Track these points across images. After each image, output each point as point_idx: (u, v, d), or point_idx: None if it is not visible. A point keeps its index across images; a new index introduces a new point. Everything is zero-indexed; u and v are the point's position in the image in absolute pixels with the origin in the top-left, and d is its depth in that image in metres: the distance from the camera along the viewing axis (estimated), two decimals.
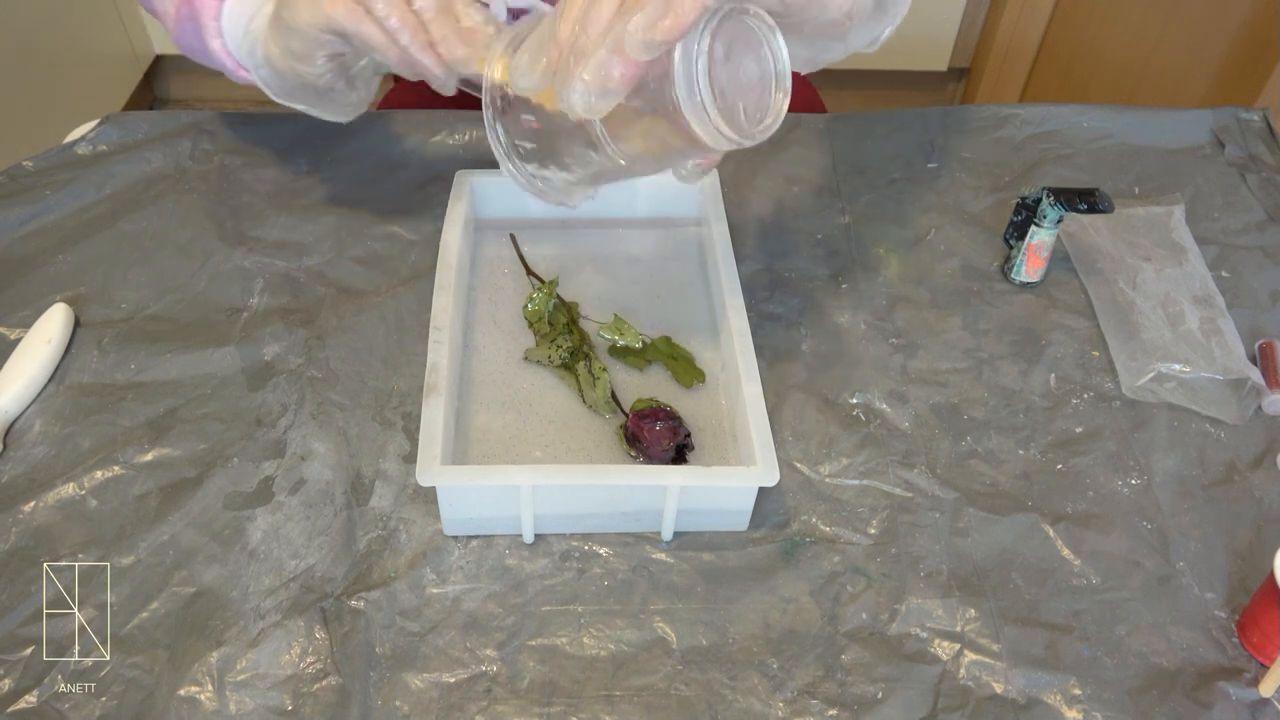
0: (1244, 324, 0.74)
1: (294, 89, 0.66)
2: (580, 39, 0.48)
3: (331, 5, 0.58)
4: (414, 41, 0.58)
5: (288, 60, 0.63)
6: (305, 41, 0.60)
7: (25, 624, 0.56)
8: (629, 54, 0.46)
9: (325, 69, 0.63)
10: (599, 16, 0.47)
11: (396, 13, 0.57)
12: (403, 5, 0.58)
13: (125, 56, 2.00)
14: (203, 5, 0.68)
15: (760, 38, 0.50)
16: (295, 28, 0.60)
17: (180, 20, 0.70)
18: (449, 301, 0.65)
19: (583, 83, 0.47)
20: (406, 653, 0.55)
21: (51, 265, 0.75)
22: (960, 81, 2.19)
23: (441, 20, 0.58)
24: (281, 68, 0.64)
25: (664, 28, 0.45)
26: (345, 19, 0.58)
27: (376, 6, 0.57)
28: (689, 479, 0.57)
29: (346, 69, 0.65)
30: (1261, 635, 0.55)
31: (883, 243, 0.80)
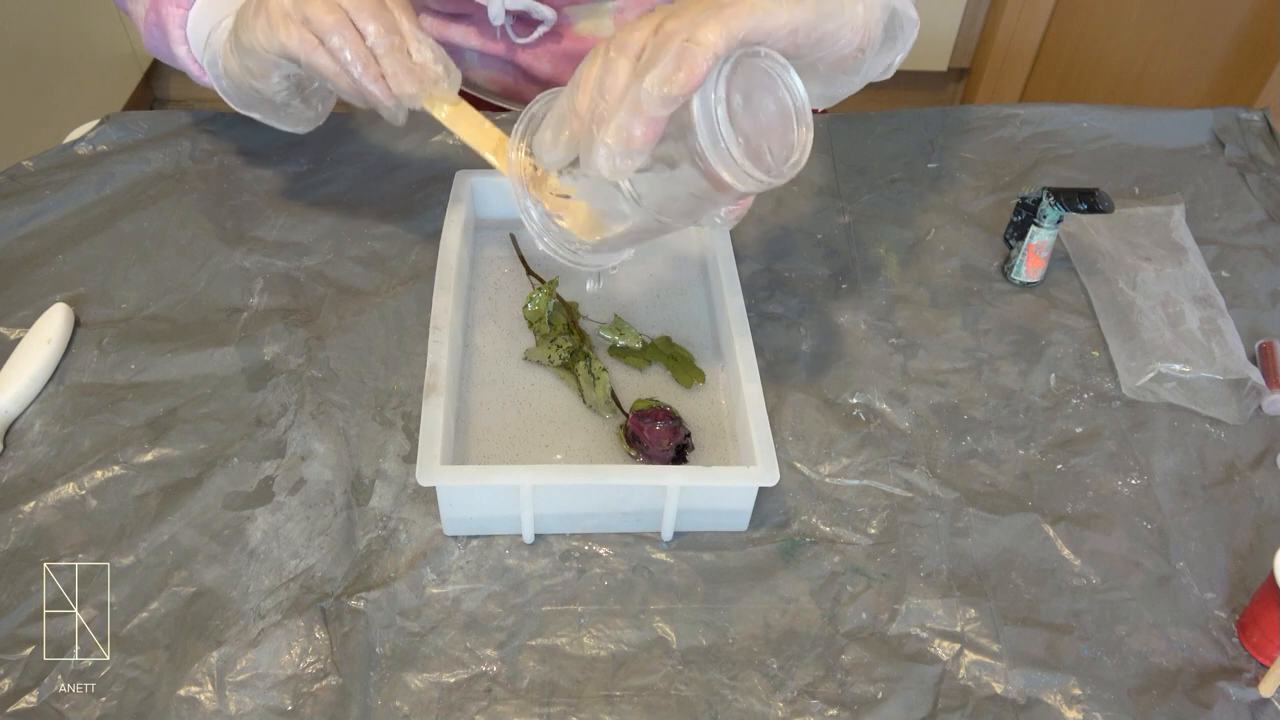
0: (1244, 324, 0.74)
1: (251, 101, 0.68)
2: (599, 106, 0.49)
3: (286, 33, 0.59)
4: (365, 74, 0.59)
5: (244, 76, 0.64)
6: (260, 62, 0.62)
7: (25, 624, 0.56)
8: (647, 112, 0.47)
9: (281, 87, 0.65)
10: (615, 82, 0.48)
11: (350, 46, 0.59)
12: (356, 39, 0.59)
13: (125, 56, 2.00)
14: (169, 14, 0.69)
15: (775, 77, 0.50)
16: (250, 49, 0.61)
17: (148, 25, 0.72)
18: (449, 301, 0.65)
19: (606, 146, 0.48)
20: (406, 653, 0.55)
21: (51, 265, 0.75)
22: (960, 81, 2.19)
23: (392, 56, 0.60)
24: (239, 82, 0.65)
25: (679, 81, 0.46)
26: (298, 48, 0.59)
27: (331, 39, 0.59)
28: (689, 479, 0.57)
29: (302, 88, 0.67)
30: (1261, 635, 0.55)
31: (883, 243, 0.80)
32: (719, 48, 0.46)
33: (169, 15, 0.69)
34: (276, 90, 0.65)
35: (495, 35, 0.87)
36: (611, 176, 0.50)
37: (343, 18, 0.59)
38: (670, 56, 0.46)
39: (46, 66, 1.75)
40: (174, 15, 0.69)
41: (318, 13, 0.58)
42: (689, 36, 0.46)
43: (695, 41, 0.46)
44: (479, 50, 0.89)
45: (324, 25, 0.58)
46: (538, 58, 0.88)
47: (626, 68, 0.48)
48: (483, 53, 0.90)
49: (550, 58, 0.88)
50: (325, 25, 0.58)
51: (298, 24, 0.59)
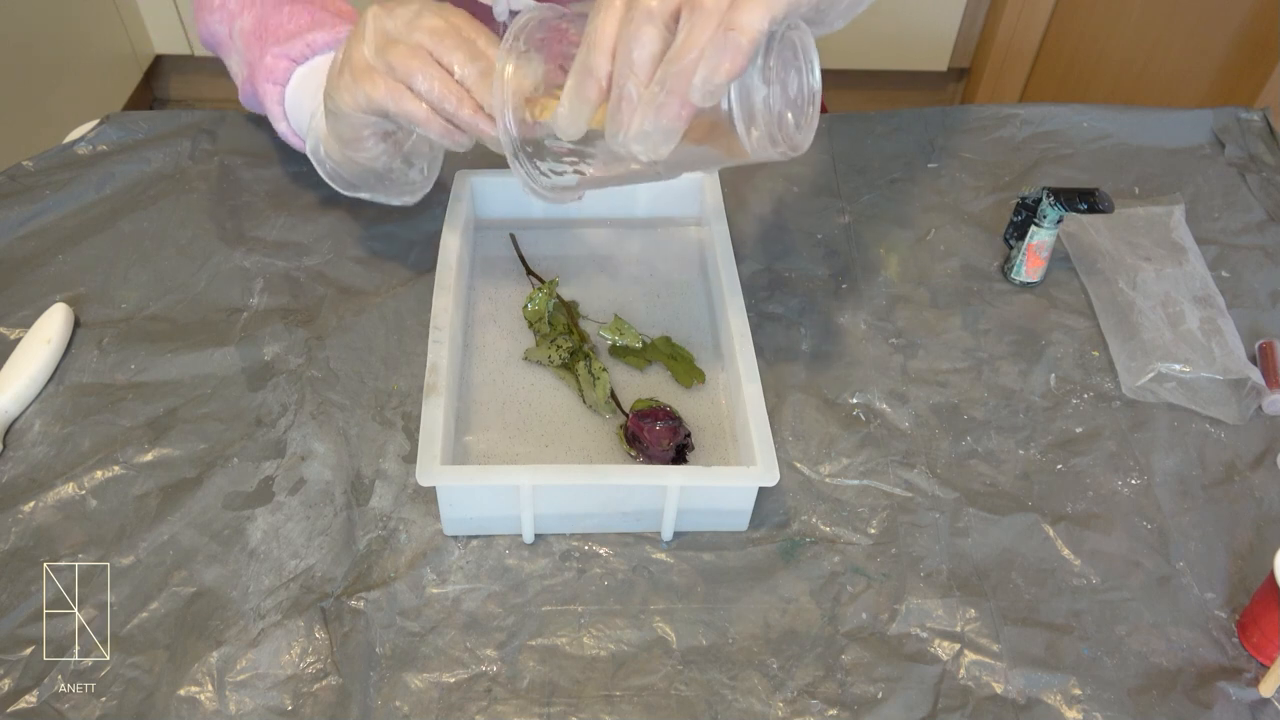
0: (1244, 324, 0.74)
1: (355, 176, 0.66)
2: (629, 80, 0.47)
3: (371, 86, 0.57)
4: (460, 109, 0.57)
5: (341, 148, 0.63)
6: (352, 125, 0.60)
7: (25, 624, 0.56)
8: (694, 101, 0.46)
9: (378, 151, 0.63)
10: (645, 56, 0.47)
11: (438, 84, 0.56)
12: (444, 75, 0.57)
13: (125, 56, 2.00)
14: (266, 92, 0.68)
15: (800, 52, 0.50)
16: (339, 113, 0.60)
17: (246, 92, 0.72)
18: (449, 301, 0.65)
19: (644, 131, 0.47)
20: (406, 653, 0.55)
21: (51, 265, 0.75)
22: (960, 81, 2.19)
23: (485, 82, 0.57)
24: (338, 158, 0.64)
25: (725, 71, 0.45)
26: (386, 98, 0.57)
27: (416, 82, 0.56)
28: (689, 479, 0.57)
29: (399, 147, 0.65)
30: (1261, 635, 0.55)
31: (883, 243, 0.80)
32: (764, 32, 0.45)
33: (266, 94, 0.68)
34: (374, 156, 0.63)
35: (498, 33, 0.87)
36: (647, 159, 0.49)
37: (425, 57, 0.56)
38: (714, 44, 0.44)
39: (46, 66, 1.75)
40: (271, 93, 0.68)
41: (400, 58, 0.56)
42: (731, 21, 0.44)
43: (739, 28, 0.44)
44: None
45: (409, 70, 0.56)
46: None
47: (655, 38, 0.46)
48: None
49: None
50: (409, 69, 0.56)
51: (382, 74, 0.57)
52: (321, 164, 0.67)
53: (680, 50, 0.45)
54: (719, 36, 0.45)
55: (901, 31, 2.00)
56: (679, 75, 0.45)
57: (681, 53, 0.45)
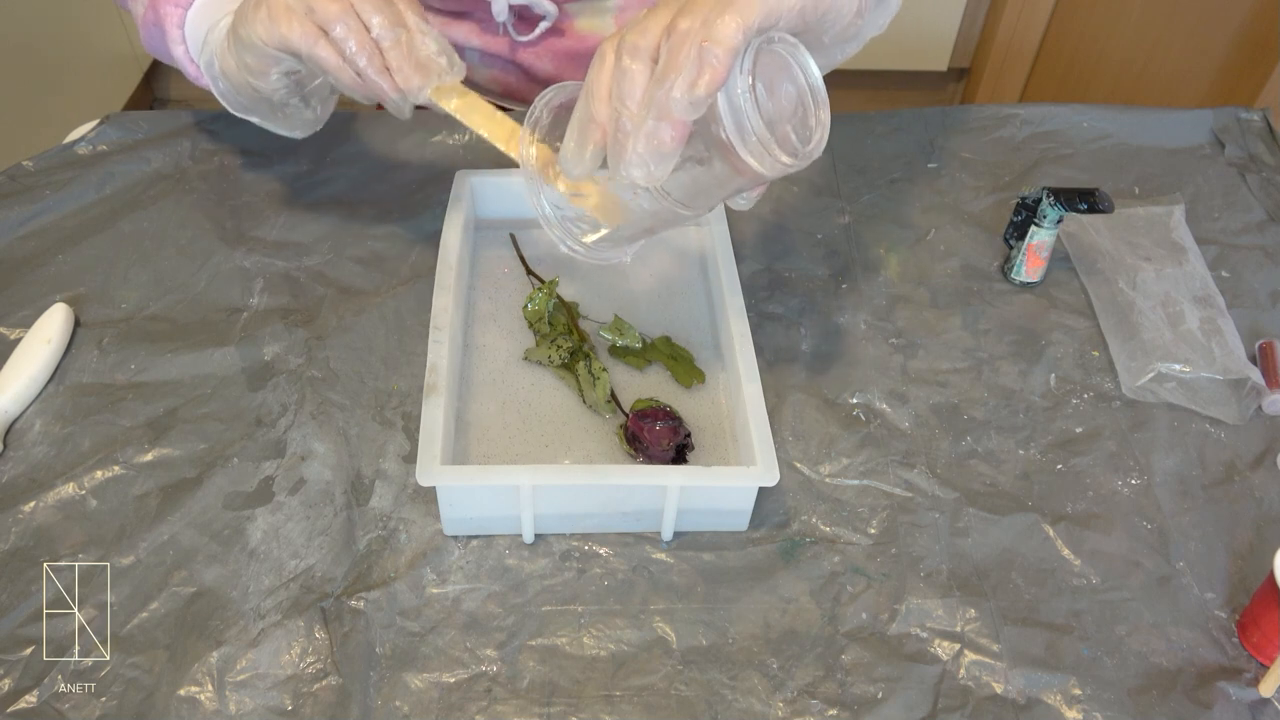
0: (1244, 324, 0.74)
1: (249, 102, 0.67)
2: (621, 113, 0.49)
3: (288, 26, 0.58)
4: (370, 66, 0.59)
5: (242, 74, 0.63)
6: (260, 58, 0.61)
7: (25, 624, 0.56)
8: (676, 117, 0.47)
9: (280, 85, 0.63)
10: (634, 88, 0.48)
11: (355, 37, 0.58)
12: (361, 30, 0.58)
13: (125, 56, 2.00)
14: (166, 14, 0.68)
15: (790, 60, 0.51)
16: (250, 44, 0.60)
17: (146, 24, 0.71)
18: (449, 301, 0.65)
19: (638, 155, 0.49)
20: (406, 653, 0.55)
21: (51, 265, 0.75)
22: (960, 81, 2.19)
23: (398, 48, 0.59)
24: (237, 81, 0.64)
25: (704, 84, 0.46)
26: (300, 40, 0.58)
27: (335, 30, 0.58)
28: (689, 479, 0.57)
29: (301, 86, 0.66)
30: (1261, 635, 0.55)
31: (883, 243, 0.80)
32: (737, 42, 0.46)
33: (167, 15, 0.68)
34: (275, 89, 0.64)
35: (497, 33, 0.87)
36: (646, 183, 0.50)
37: (347, 8, 0.58)
38: (691, 60, 0.46)
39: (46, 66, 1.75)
40: (172, 15, 0.68)
41: (322, 4, 0.58)
42: (705, 36, 0.46)
43: (713, 40, 0.46)
44: (480, 49, 0.89)
45: (328, 15, 0.58)
46: (539, 56, 0.88)
47: (643, 72, 0.48)
48: (484, 52, 0.90)
49: (552, 56, 0.88)
50: (329, 15, 0.58)
51: (300, 16, 0.58)
52: (216, 81, 0.67)
53: (663, 73, 0.47)
54: (696, 50, 0.46)
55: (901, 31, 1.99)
56: (663, 95, 0.47)
57: (664, 75, 0.47)
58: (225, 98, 0.68)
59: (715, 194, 0.55)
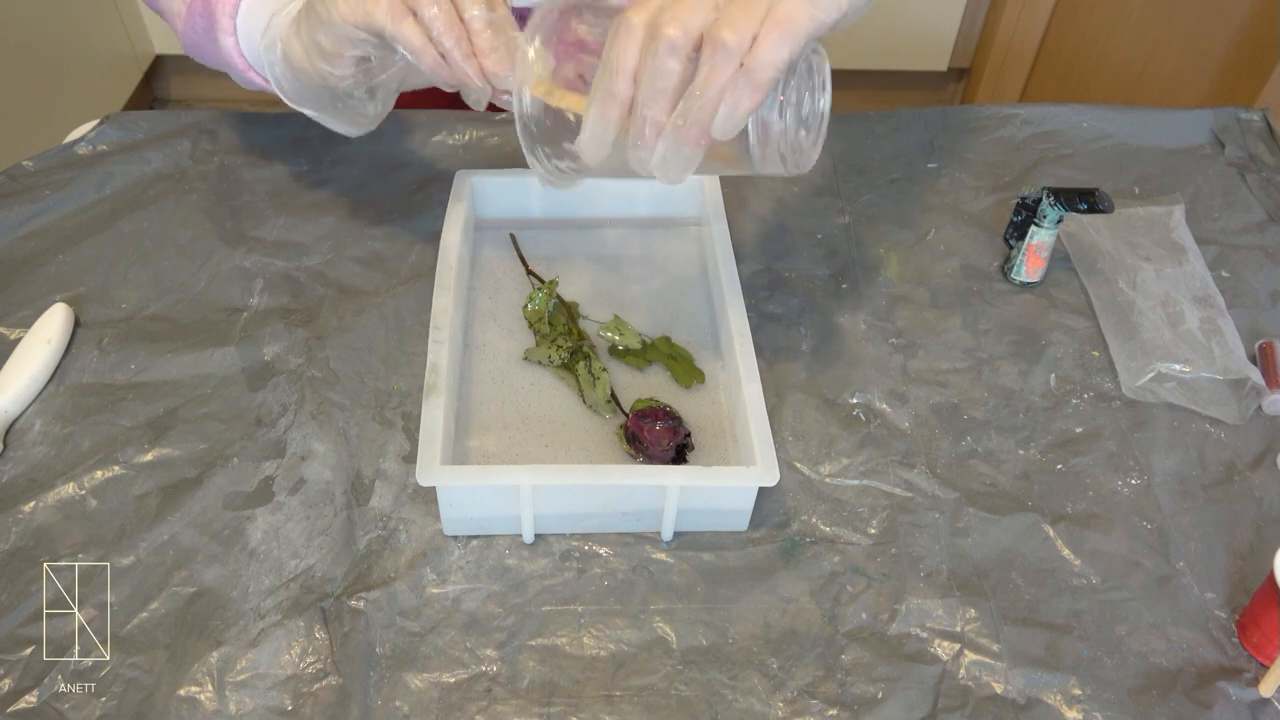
0: (1244, 324, 0.74)
1: (310, 91, 0.63)
2: (650, 109, 0.48)
3: (374, 2, 0.56)
4: (458, 48, 0.56)
5: (311, 58, 0.60)
6: (337, 38, 0.58)
7: (25, 624, 0.56)
8: (715, 135, 0.48)
9: (350, 72, 0.61)
10: (667, 87, 0.48)
11: (444, 17, 0.56)
12: (451, 12, 0.56)
13: (125, 56, 2.00)
14: (219, 1, 0.66)
15: (814, 73, 0.51)
16: (329, 20, 0.57)
17: (192, 16, 0.68)
18: (449, 301, 0.65)
19: (663, 158, 0.49)
20: (406, 653, 0.55)
21: (51, 265, 0.75)
22: (960, 81, 2.19)
23: (490, 32, 0.57)
24: (302, 66, 0.61)
25: (745, 108, 0.47)
26: (386, 17, 0.56)
27: (427, 9, 0.56)
28: (689, 479, 0.57)
29: (370, 76, 0.63)
30: (1261, 635, 0.55)
31: (883, 243, 0.80)
32: (783, 67, 0.47)
33: (220, 3, 0.65)
34: (344, 76, 0.60)
35: None
36: (665, 183, 0.50)
37: None
38: (736, 84, 0.46)
39: (46, 66, 1.75)
40: (226, 3, 0.65)
41: None
42: (752, 60, 0.46)
43: (760, 67, 0.46)
44: None
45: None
46: None
47: (678, 71, 0.48)
48: None
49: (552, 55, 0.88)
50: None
51: None
52: (274, 66, 0.64)
53: (703, 86, 0.47)
54: (740, 75, 0.46)
55: (901, 31, 2.00)
56: (701, 110, 0.47)
57: (704, 88, 0.47)
58: (282, 86, 0.65)
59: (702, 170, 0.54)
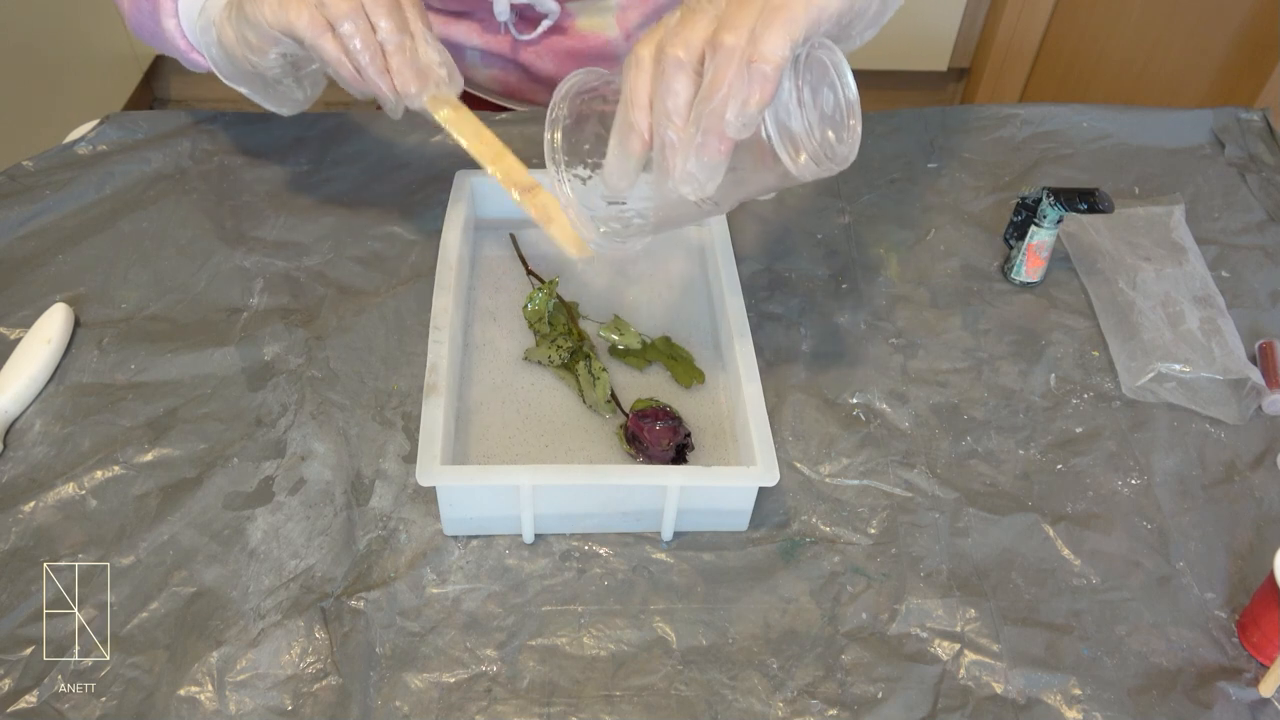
0: (1244, 324, 0.74)
1: (242, 74, 0.67)
2: (666, 128, 0.49)
3: (296, 13, 0.59)
4: (372, 65, 0.60)
5: (241, 48, 0.63)
6: (261, 37, 0.61)
7: (25, 624, 0.56)
8: (729, 135, 0.48)
9: (276, 64, 0.64)
10: (679, 103, 0.49)
11: (361, 36, 0.59)
12: (368, 29, 0.59)
13: (125, 56, 2.00)
14: None
15: (830, 67, 0.51)
16: (255, 22, 0.61)
17: (136, 2, 0.71)
18: (449, 301, 0.65)
19: (687, 173, 0.49)
20: (406, 653, 0.55)
21: (51, 265, 0.75)
22: (960, 81, 2.19)
23: (400, 53, 0.60)
24: (234, 53, 0.64)
25: (755, 103, 0.47)
26: (306, 29, 0.59)
27: (343, 26, 0.59)
28: (689, 479, 0.57)
29: (297, 67, 0.66)
30: (1261, 635, 0.55)
31: (883, 243, 0.80)
32: (786, 59, 0.47)
33: None
34: (270, 67, 0.64)
35: (498, 32, 0.88)
36: (695, 198, 0.51)
37: (357, 6, 0.59)
38: (741, 80, 0.47)
39: (46, 66, 1.75)
40: None
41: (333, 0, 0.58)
42: (754, 53, 0.46)
43: (762, 58, 0.46)
44: (481, 48, 0.89)
45: (338, 11, 0.58)
46: (540, 55, 0.89)
47: (688, 87, 0.48)
48: (485, 51, 0.90)
49: (553, 55, 0.89)
50: (339, 11, 0.58)
51: (310, 6, 0.59)
52: (210, 48, 0.67)
53: (710, 89, 0.47)
54: (744, 70, 0.46)
55: (901, 31, 1.99)
56: (712, 114, 0.47)
57: (711, 91, 0.47)
58: (218, 66, 0.68)
59: (744, 192, 0.55)
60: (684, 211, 0.56)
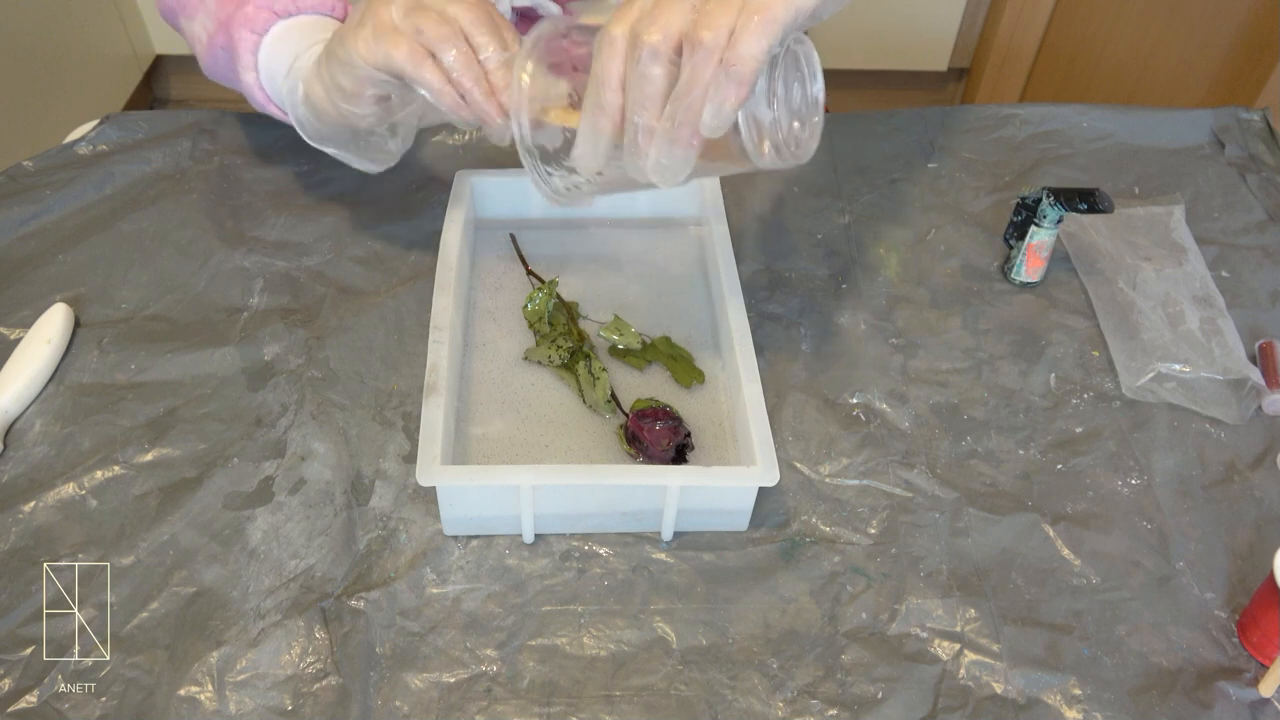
0: (1244, 324, 0.74)
1: (332, 130, 0.65)
2: (639, 116, 0.49)
3: (393, 44, 0.56)
4: (477, 88, 0.57)
5: (332, 98, 0.61)
6: (357, 79, 0.59)
7: (25, 624, 0.56)
8: (705, 134, 0.48)
9: (370, 110, 0.61)
10: (654, 93, 0.49)
11: (463, 59, 0.57)
12: (470, 54, 0.57)
13: (125, 56, 2.00)
14: (240, 39, 0.66)
15: (802, 61, 0.52)
16: (350, 62, 0.58)
17: (213, 49, 0.70)
18: (449, 301, 0.65)
19: (658, 164, 0.50)
20: (406, 653, 0.55)
21: (51, 265, 0.75)
22: (960, 81, 2.19)
23: (505, 71, 0.58)
24: (323, 107, 0.62)
25: (731, 103, 0.47)
26: (406, 60, 0.57)
27: (446, 53, 0.57)
28: (689, 479, 0.57)
29: (391, 114, 0.64)
30: (1261, 635, 0.55)
31: (883, 243, 0.80)
32: (763, 60, 0.47)
33: (240, 40, 0.67)
34: (364, 115, 0.62)
35: None
36: (666, 186, 0.51)
37: (457, 31, 0.57)
38: (719, 81, 0.47)
39: (46, 66, 1.75)
40: (246, 41, 0.66)
41: (430, 25, 0.57)
42: (732, 55, 0.46)
43: (740, 60, 0.46)
44: None
45: (437, 36, 0.56)
46: None
47: (662, 75, 0.49)
48: None
49: None
50: (438, 36, 0.56)
51: (408, 36, 0.57)
52: (296, 108, 0.65)
53: (687, 87, 0.48)
54: (721, 71, 0.47)
55: (901, 31, 2.00)
56: (689, 110, 0.48)
57: (688, 89, 0.48)
58: (304, 126, 0.66)
59: (704, 173, 0.55)
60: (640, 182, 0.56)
